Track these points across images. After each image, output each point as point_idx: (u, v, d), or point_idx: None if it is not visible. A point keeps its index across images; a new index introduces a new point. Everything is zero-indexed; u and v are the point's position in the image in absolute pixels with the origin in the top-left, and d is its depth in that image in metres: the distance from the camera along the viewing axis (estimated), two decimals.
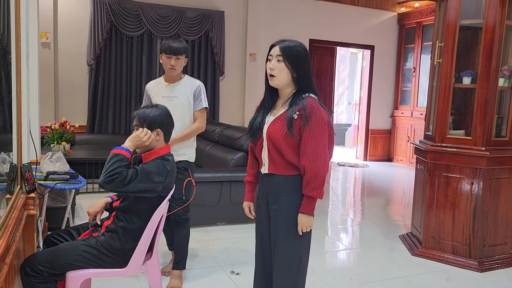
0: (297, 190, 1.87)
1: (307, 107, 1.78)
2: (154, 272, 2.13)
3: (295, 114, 1.79)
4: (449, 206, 3.36)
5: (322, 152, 1.80)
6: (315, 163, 1.80)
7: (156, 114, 2.12)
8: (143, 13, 6.18)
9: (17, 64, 2.06)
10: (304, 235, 1.89)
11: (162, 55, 2.75)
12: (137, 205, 2.03)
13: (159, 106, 2.20)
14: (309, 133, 1.79)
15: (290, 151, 1.83)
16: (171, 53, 2.70)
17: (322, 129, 1.80)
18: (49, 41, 5.75)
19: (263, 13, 7.07)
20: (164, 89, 2.79)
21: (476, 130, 3.25)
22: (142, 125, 2.08)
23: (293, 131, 1.80)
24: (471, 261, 3.28)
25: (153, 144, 2.10)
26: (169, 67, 2.72)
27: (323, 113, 1.81)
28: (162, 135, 2.13)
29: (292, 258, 1.90)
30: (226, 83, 6.95)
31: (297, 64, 1.83)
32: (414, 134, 7.77)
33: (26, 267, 1.88)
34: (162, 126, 2.12)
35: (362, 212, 5.01)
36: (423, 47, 7.63)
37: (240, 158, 4.28)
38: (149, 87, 2.88)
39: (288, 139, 1.82)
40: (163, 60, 2.75)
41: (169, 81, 2.81)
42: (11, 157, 2.02)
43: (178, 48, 2.70)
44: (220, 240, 3.69)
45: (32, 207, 2.14)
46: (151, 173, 1.97)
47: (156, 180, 1.98)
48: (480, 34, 3.30)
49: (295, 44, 1.85)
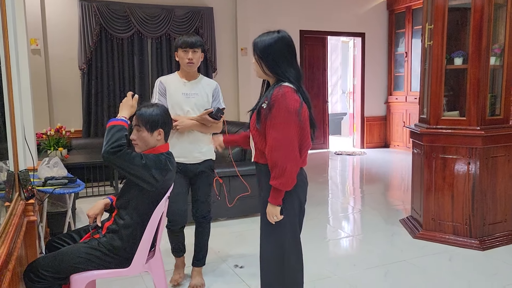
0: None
1: (271, 96, 1.80)
2: (158, 270, 2.14)
3: (264, 103, 1.84)
4: (448, 187, 3.38)
5: (283, 141, 1.78)
6: (274, 153, 1.80)
7: (158, 113, 2.09)
8: (132, 13, 6.15)
9: (7, 72, 2.05)
10: (286, 226, 1.89)
11: (178, 50, 2.64)
12: (137, 200, 2.02)
13: (159, 105, 2.17)
14: (270, 122, 1.80)
15: (260, 139, 1.88)
16: (187, 46, 2.60)
17: (284, 118, 1.78)
18: (39, 47, 5.72)
19: (252, 7, 7.05)
20: (183, 86, 2.68)
21: (470, 110, 3.26)
22: (144, 126, 2.07)
23: (259, 121, 1.84)
24: (472, 241, 3.31)
25: (153, 143, 2.09)
26: (187, 61, 2.61)
27: (289, 102, 1.79)
28: (163, 135, 2.12)
29: (273, 250, 1.92)
30: (219, 79, 6.92)
31: (264, 56, 1.87)
32: (410, 119, 7.79)
33: (29, 273, 1.88)
34: (164, 125, 2.11)
35: (362, 199, 5.03)
36: (413, 31, 7.64)
37: (238, 153, 4.29)
38: (166, 80, 2.71)
39: (257, 128, 1.87)
40: (180, 56, 2.64)
41: (187, 78, 2.70)
42: (7, 165, 2.02)
43: (194, 41, 2.62)
44: (222, 235, 3.71)
45: (32, 213, 2.14)
46: (149, 158, 1.98)
47: (154, 172, 1.96)
48: (469, 14, 3.31)
49: (264, 37, 1.89)
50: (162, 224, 2.19)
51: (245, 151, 4.33)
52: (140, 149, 2.10)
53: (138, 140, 2.09)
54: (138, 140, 2.09)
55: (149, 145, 2.09)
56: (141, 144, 2.09)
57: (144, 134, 2.07)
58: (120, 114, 2.03)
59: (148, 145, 2.09)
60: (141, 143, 2.09)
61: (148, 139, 2.08)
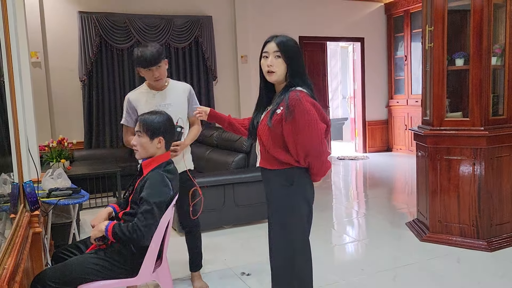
0: (285, 185, 1.88)
1: (289, 100, 1.77)
2: (165, 279, 2.12)
3: (278, 108, 1.80)
4: (453, 189, 3.36)
5: (314, 145, 1.78)
6: (308, 158, 1.81)
7: (160, 120, 2.09)
8: (131, 24, 6.18)
9: (10, 84, 2.05)
10: (296, 231, 1.90)
11: (140, 69, 2.49)
12: None
13: (163, 113, 2.15)
14: (294, 128, 1.77)
15: (272, 144, 1.85)
16: (150, 65, 2.43)
17: (308, 121, 1.76)
18: (39, 60, 5.74)
19: (251, 14, 7.08)
20: (154, 98, 2.57)
21: (473, 110, 3.25)
22: (146, 132, 2.06)
23: (271, 122, 1.81)
24: (479, 242, 3.28)
25: (153, 150, 2.09)
26: (154, 80, 2.49)
27: (309, 105, 1.78)
28: (163, 143, 2.11)
29: (284, 254, 1.92)
30: (219, 87, 6.95)
31: (293, 58, 1.84)
32: (411, 122, 7.79)
33: (36, 285, 1.86)
34: (165, 134, 2.10)
35: (366, 204, 5.01)
36: (412, 34, 7.66)
37: (241, 160, 4.28)
38: (134, 98, 2.59)
39: (270, 132, 1.83)
40: (144, 74, 2.50)
41: (156, 89, 2.60)
42: (12, 177, 2.01)
43: (154, 56, 2.42)
44: (228, 243, 3.69)
45: (37, 224, 2.13)
46: (152, 195, 1.95)
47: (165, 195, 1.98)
48: (469, 15, 3.31)
49: (288, 38, 1.87)
50: (168, 233, 2.18)
51: (248, 158, 4.32)
52: (139, 155, 2.09)
53: (138, 146, 2.08)
54: (138, 146, 2.08)
55: (148, 152, 2.08)
56: (141, 150, 2.08)
57: (144, 141, 2.06)
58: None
59: (147, 152, 2.08)
60: (141, 149, 2.08)
61: (147, 146, 2.07)
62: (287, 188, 1.87)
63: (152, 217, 1.92)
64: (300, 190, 1.89)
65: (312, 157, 1.80)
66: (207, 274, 3.03)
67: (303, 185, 1.90)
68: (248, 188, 4.05)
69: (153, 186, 1.97)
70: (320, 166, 1.84)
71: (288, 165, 1.85)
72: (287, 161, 1.84)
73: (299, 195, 1.89)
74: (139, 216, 1.91)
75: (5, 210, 1.77)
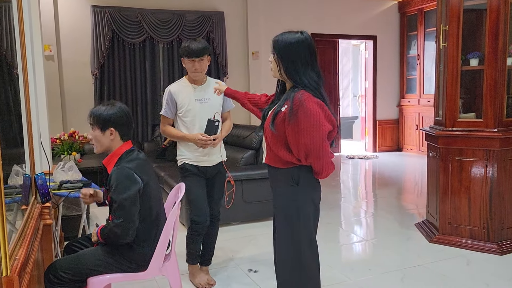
0: (291, 185, 1.87)
1: (294, 101, 1.75)
2: (174, 274, 2.13)
3: (283, 107, 1.80)
4: (464, 191, 3.33)
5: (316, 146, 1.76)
6: (309, 159, 1.80)
7: (110, 113, 2.01)
8: (144, 19, 6.20)
9: (24, 77, 2.07)
10: (301, 231, 1.89)
11: (184, 58, 2.65)
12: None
13: (116, 104, 2.08)
14: (297, 128, 1.75)
15: (275, 144, 1.84)
16: (193, 56, 2.59)
17: (311, 123, 1.74)
18: (52, 53, 5.79)
19: (263, 10, 7.06)
20: (194, 92, 2.70)
21: (487, 111, 3.21)
22: (96, 124, 2.01)
23: (274, 126, 1.80)
24: (490, 245, 3.25)
25: (107, 143, 2.03)
26: (193, 70, 2.64)
27: (312, 106, 1.75)
28: (116, 134, 2.03)
29: (290, 253, 1.91)
30: (230, 83, 6.94)
31: (283, 56, 1.83)
32: (423, 122, 7.71)
33: (49, 275, 1.90)
34: (116, 125, 2.02)
35: (374, 203, 4.98)
36: (426, 33, 7.57)
37: (250, 157, 4.28)
38: (176, 90, 2.71)
39: (272, 132, 1.83)
40: (186, 64, 2.65)
41: (195, 83, 2.72)
42: (24, 169, 2.03)
43: (199, 49, 2.60)
44: (236, 240, 3.69)
45: (48, 216, 2.16)
46: (119, 189, 1.92)
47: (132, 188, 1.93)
48: (484, 15, 3.26)
49: (286, 36, 1.84)
50: (176, 228, 2.19)
51: (257, 155, 4.32)
52: (96, 149, 2.06)
53: (93, 140, 2.05)
54: (93, 140, 2.05)
55: (104, 145, 2.03)
56: (96, 143, 2.05)
57: (96, 133, 2.02)
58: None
59: (103, 146, 2.04)
60: (96, 143, 2.05)
61: (100, 138, 2.02)
62: (293, 187, 1.86)
63: (125, 213, 1.89)
64: (305, 190, 1.88)
65: (312, 158, 1.79)
66: (214, 270, 3.04)
67: (308, 185, 1.88)
68: (257, 185, 4.05)
69: (117, 184, 1.92)
70: (321, 168, 1.82)
71: (291, 164, 1.84)
72: (289, 159, 1.83)
73: (305, 195, 1.88)
74: (113, 216, 1.93)
75: (16, 201, 1.79)
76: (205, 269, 2.90)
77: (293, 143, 1.78)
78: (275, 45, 1.85)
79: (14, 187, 1.78)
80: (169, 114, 2.73)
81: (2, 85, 1.92)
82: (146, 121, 6.39)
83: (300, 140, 1.75)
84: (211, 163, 2.74)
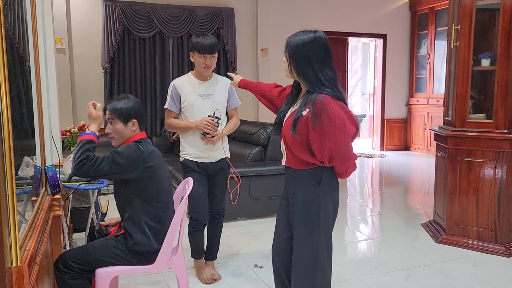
0: (312, 184, 1.85)
1: (316, 105, 1.72)
2: (181, 267, 2.15)
3: (304, 110, 1.77)
4: (472, 192, 3.31)
5: (342, 149, 1.75)
6: (333, 162, 1.79)
7: (130, 105, 2.08)
8: (154, 14, 6.22)
9: (36, 70, 2.09)
10: (321, 230, 1.88)
11: (195, 53, 2.62)
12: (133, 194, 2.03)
13: (130, 96, 2.15)
14: (321, 132, 1.72)
15: (298, 147, 1.82)
16: (206, 52, 2.58)
17: (338, 122, 1.72)
18: (64, 46, 5.83)
19: (273, 7, 7.04)
20: (198, 87, 2.70)
21: (498, 112, 3.18)
22: (118, 118, 2.06)
23: (296, 130, 1.77)
24: (497, 246, 3.23)
25: (129, 134, 2.09)
26: (204, 66, 2.62)
27: (336, 110, 1.73)
28: (137, 125, 2.11)
29: (308, 252, 1.89)
30: None
31: (295, 57, 1.81)
32: (431, 121, 7.66)
33: (59, 263, 1.93)
34: (137, 116, 2.10)
35: (381, 202, 4.96)
36: (436, 32, 7.50)
37: (258, 153, 4.28)
38: (180, 85, 2.70)
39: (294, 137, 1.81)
40: (196, 59, 2.63)
41: (201, 79, 2.72)
42: (34, 160, 2.06)
43: (213, 45, 2.59)
44: (242, 235, 3.71)
45: (57, 208, 2.18)
46: (119, 152, 1.98)
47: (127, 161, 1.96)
48: (497, 15, 3.23)
49: (299, 36, 1.82)
50: (183, 222, 2.20)
51: (265, 152, 4.32)
52: (116, 142, 2.10)
53: (113, 133, 2.09)
54: (113, 133, 2.09)
55: (124, 137, 2.09)
56: (117, 136, 2.09)
57: (119, 127, 2.07)
58: (90, 127, 2.05)
59: (124, 137, 2.09)
60: (117, 136, 2.09)
61: (123, 131, 2.08)
62: (314, 187, 1.85)
63: (104, 160, 1.93)
64: (327, 190, 1.87)
65: (337, 161, 1.78)
66: (220, 265, 3.06)
67: (330, 184, 1.87)
68: (264, 181, 4.06)
69: (121, 149, 2.01)
70: (346, 169, 1.82)
71: (313, 165, 1.84)
72: (312, 161, 1.82)
73: (325, 195, 1.87)
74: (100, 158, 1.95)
75: (27, 193, 1.81)
76: (211, 264, 2.92)
77: (316, 147, 1.76)
78: (288, 45, 1.84)
79: (25, 178, 1.80)
80: (173, 108, 2.71)
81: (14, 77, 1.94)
82: (155, 116, 6.42)
83: (325, 144, 1.73)
84: (211, 160, 2.73)
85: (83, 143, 1.95)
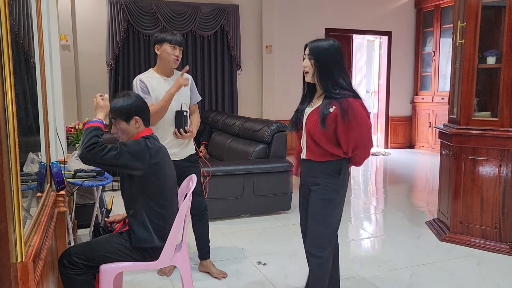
0: (332, 174, 2.11)
1: (343, 104, 2.00)
2: (184, 264, 2.16)
3: (331, 108, 2.02)
4: (477, 190, 3.29)
5: (366, 138, 2.07)
6: (357, 151, 2.07)
7: (129, 103, 2.05)
8: (159, 11, 6.22)
9: (41, 66, 2.10)
10: (334, 215, 2.15)
11: (163, 45, 2.60)
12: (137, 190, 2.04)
13: (130, 93, 2.12)
14: (350, 125, 2.00)
15: (325, 141, 2.07)
16: (177, 44, 2.62)
17: (362, 117, 2.03)
18: (68, 43, 5.85)
19: (277, 4, 7.03)
20: (163, 84, 2.67)
21: (503, 110, 3.16)
22: (120, 117, 2.05)
23: (325, 125, 2.02)
24: (502, 245, 3.22)
25: (133, 131, 2.08)
26: (173, 57, 2.62)
27: (360, 106, 2.03)
28: (141, 122, 2.08)
29: (322, 220, 2.13)
30: (243, 76, 6.95)
31: (322, 63, 2.04)
32: (436, 119, 7.63)
33: (63, 259, 1.94)
34: (139, 113, 2.07)
35: (385, 200, 4.95)
36: (442, 30, 7.46)
37: (262, 150, 4.28)
38: (146, 80, 2.65)
39: (323, 130, 2.05)
40: (166, 51, 2.60)
41: (165, 75, 2.69)
42: (39, 157, 2.07)
43: (181, 39, 2.66)
44: (245, 232, 3.72)
45: (62, 204, 2.20)
46: (128, 144, 1.99)
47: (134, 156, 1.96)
48: (503, 12, 3.21)
49: (322, 44, 2.06)
50: (187, 218, 2.21)
51: (269, 149, 4.31)
52: (123, 140, 2.11)
53: (119, 132, 2.09)
54: (119, 132, 2.09)
55: (129, 135, 2.09)
56: (122, 135, 2.09)
57: (122, 125, 2.06)
58: (97, 115, 2.05)
59: (129, 135, 2.09)
60: (123, 135, 2.09)
61: (127, 129, 2.07)
62: (335, 177, 2.10)
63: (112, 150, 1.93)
64: (344, 179, 2.14)
65: (360, 149, 2.07)
66: (223, 262, 3.07)
67: (346, 174, 2.15)
68: (268, 178, 4.06)
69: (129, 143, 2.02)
70: (365, 156, 2.12)
71: (336, 157, 2.09)
72: (336, 153, 2.08)
73: (343, 183, 2.14)
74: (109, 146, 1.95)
75: (32, 189, 1.83)
76: (209, 262, 2.90)
77: (344, 139, 2.04)
78: (313, 51, 2.06)
79: (30, 174, 1.81)
80: (149, 100, 2.59)
81: (19, 74, 1.95)
82: None
83: (352, 135, 2.03)
84: (179, 157, 2.70)
85: (91, 129, 1.95)
